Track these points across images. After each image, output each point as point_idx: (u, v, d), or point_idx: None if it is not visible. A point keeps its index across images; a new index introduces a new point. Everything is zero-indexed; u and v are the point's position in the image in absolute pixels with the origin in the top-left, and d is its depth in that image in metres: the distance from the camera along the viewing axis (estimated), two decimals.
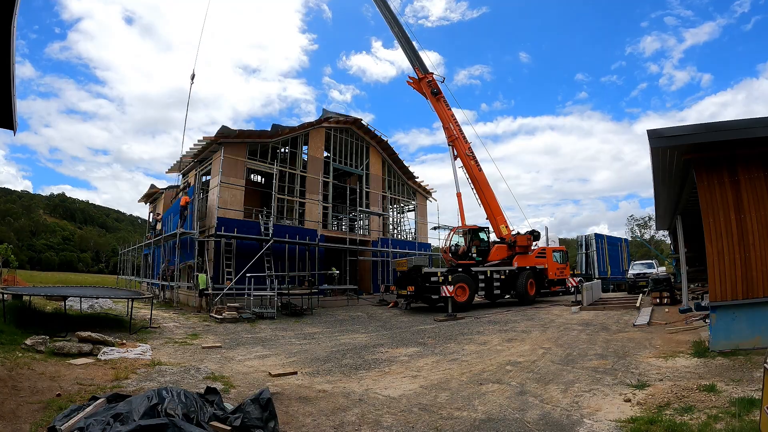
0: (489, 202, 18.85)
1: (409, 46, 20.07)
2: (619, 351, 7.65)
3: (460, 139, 19.03)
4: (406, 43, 20.03)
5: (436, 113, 19.62)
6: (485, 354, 8.03)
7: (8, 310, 9.75)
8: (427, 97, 19.74)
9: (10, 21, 4.07)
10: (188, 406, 3.52)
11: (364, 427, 4.32)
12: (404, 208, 29.00)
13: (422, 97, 20.04)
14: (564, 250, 21.28)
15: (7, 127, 6.01)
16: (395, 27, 20.03)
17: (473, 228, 18.93)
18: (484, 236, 18.88)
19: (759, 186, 6.74)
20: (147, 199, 31.15)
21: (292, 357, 7.99)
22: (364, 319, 14.50)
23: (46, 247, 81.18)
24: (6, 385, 5.05)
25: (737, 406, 4.18)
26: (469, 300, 16.46)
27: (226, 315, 13.22)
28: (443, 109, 19.41)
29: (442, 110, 19.41)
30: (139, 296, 13.72)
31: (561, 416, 4.49)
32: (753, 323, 6.43)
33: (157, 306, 15.61)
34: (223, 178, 18.14)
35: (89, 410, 3.48)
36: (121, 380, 5.83)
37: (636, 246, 43.40)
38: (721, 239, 6.74)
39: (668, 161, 8.02)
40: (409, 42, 20.15)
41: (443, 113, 19.39)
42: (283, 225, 20.53)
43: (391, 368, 7.00)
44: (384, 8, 20.07)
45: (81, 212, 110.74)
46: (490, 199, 18.90)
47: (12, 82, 4.97)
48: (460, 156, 18.91)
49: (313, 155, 22.80)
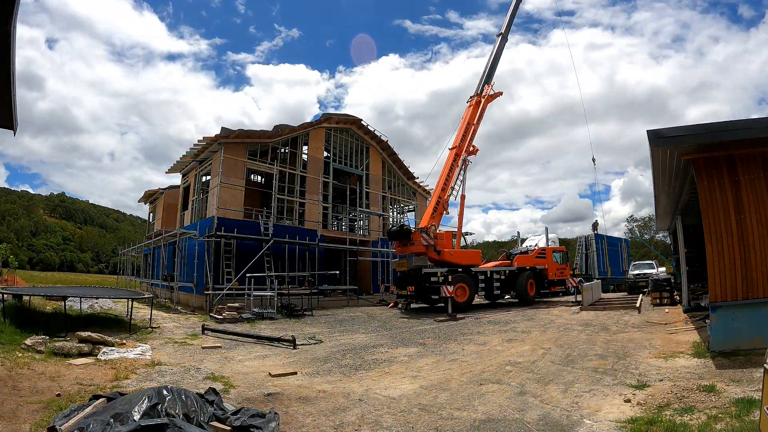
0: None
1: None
2: (619, 351, 7.65)
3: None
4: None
5: (478, 116, 19.49)
6: (485, 354, 8.03)
7: (8, 310, 9.75)
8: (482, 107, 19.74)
9: (10, 21, 4.07)
10: (188, 406, 3.52)
11: (364, 427, 4.31)
12: (404, 208, 29.00)
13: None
14: (564, 250, 21.29)
15: (7, 128, 6.01)
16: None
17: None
18: None
19: (759, 186, 6.73)
20: (147, 199, 31.15)
21: (292, 357, 7.99)
22: (364, 319, 14.49)
23: (46, 247, 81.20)
24: (6, 385, 5.05)
25: (737, 407, 4.18)
26: (469, 300, 16.46)
27: (226, 315, 13.22)
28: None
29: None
30: (138, 296, 13.72)
31: (561, 416, 4.48)
32: (753, 323, 6.43)
33: (157, 306, 15.61)
34: (223, 178, 18.15)
35: (89, 410, 3.49)
36: (121, 380, 5.83)
37: (636, 246, 43.40)
38: (721, 239, 6.73)
39: (668, 161, 8.02)
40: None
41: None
42: (283, 225, 20.54)
43: (391, 368, 7.00)
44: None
45: (81, 212, 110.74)
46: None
47: (12, 82, 4.97)
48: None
49: (313, 155, 22.80)
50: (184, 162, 22.20)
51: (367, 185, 25.53)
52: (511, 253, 20.17)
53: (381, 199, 26.24)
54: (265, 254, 17.67)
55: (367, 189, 25.43)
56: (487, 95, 19.91)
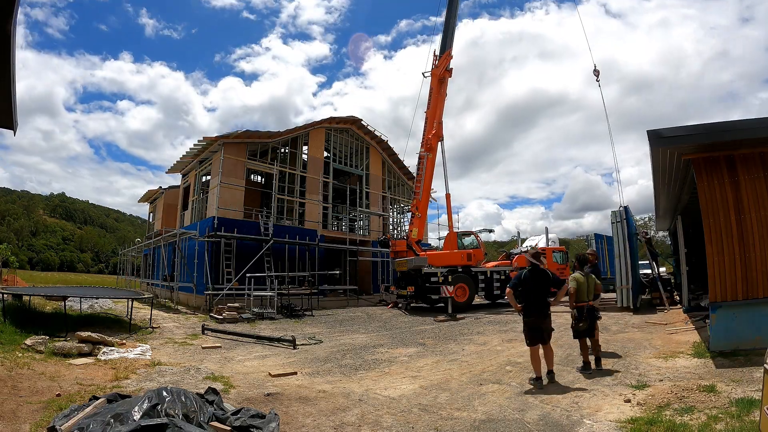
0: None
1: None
2: (619, 351, 7.65)
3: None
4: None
5: (439, 101, 17.96)
6: (485, 354, 8.03)
7: (8, 310, 9.76)
8: (442, 84, 17.98)
9: (10, 20, 4.07)
10: (188, 406, 3.51)
11: (364, 427, 4.31)
12: (404, 208, 29.00)
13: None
14: (564, 250, 21.28)
15: (7, 128, 6.00)
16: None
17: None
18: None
19: (759, 186, 6.73)
20: (147, 199, 31.16)
21: (292, 357, 7.99)
22: (364, 319, 14.49)
23: (46, 247, 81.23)
24: (6, 385, 5.05)
25: (737, 407, 4.18)
26: (469, 300, 16.46)
27: (226, 315, 13.22)
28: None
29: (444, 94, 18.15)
30: (138, 296, 13.72)
31: (561, 416, 4.48)
32: (753, 323, 6.42)
33: (157, 306, 15.61)
34: (224, 178, 18.15)
35: (89, 410, 3.48)
36: (121, 380, 5.83)
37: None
38: (721, 239, 6.73)
39: (668, 161, 8.02)
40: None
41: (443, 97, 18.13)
42: (283, 225, 20.55)
43: (391, 368, 7.00)
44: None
45: (81, 212, 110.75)
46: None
47: (12, 81, 4.97)
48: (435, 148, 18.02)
49: (313, 155, 22.80)
50: (184, 162, 22.20)
51: (367, 185, 25.53)
52: (511, 253, 20.16)
53: (381, 199, 26.25)
54: (265, 254, 17.66)
55: (367, 189, 25.44)
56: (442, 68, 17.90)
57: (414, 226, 17.63)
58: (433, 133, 17.68)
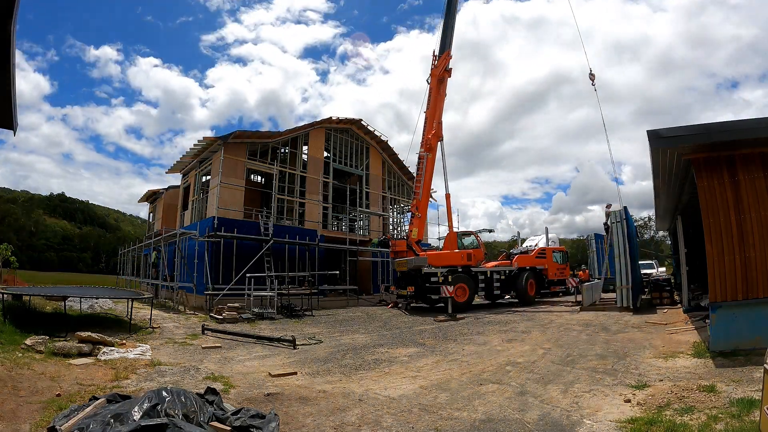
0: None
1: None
2: (619, 351, 7.65)
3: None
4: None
5: (438, 101, 17.94)
6: (485, 354, 8.03)
7: (8, 310, 9.75)
8: (441, 84, 17.89)
9: (10, 21, 4.07)
10: (188, 406, 3.52)
11: (364, 427, 4.31)
12: (404, 208, 29.00)
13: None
14: (564, 250, 21.30)
15: (7, 127, 6.00)
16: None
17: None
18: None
19: (759, 186, 6.74)
20: (147, 200, 31.16)
21: (292, 357, 7.98)
22: (363, 319, 14.49)
23: (46, 247, 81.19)
24: (6, 385, 5.05)
25: (737, 407, 4.18)
26: (469, 300, 16.46)
27: (226, 315, 13.21)
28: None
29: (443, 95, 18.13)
30: (138, 296, 13.72)
31: (561, 416, 4.48)
32: (753, 323, 6.43)
33: (157, 306, 15.61)
34: (223, 178, 18.15)
35: (89, 410, 3.48)
36: (121, 380, 5.83)
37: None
38: (721, 239, 6.73)
39: (668, 161, 8.02)
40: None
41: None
42: (283, 225, 20.54)
43: (391, 368, 7.00)
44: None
45: (81, 212, 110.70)
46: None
47: (12, 81, 4.97)
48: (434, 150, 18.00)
49: (313, 155, 22.81)
50: (184, 162, 22.21)
51: (367, 185, 25.53)
52: (511, 253, 20.17)
53: (381, 199, 26.25)
54: (265, 254, 17.66)
55: (367, 189, 25.44)
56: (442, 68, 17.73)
57: (414, 226, 17.66)
58: (433, 133, 17.68)
